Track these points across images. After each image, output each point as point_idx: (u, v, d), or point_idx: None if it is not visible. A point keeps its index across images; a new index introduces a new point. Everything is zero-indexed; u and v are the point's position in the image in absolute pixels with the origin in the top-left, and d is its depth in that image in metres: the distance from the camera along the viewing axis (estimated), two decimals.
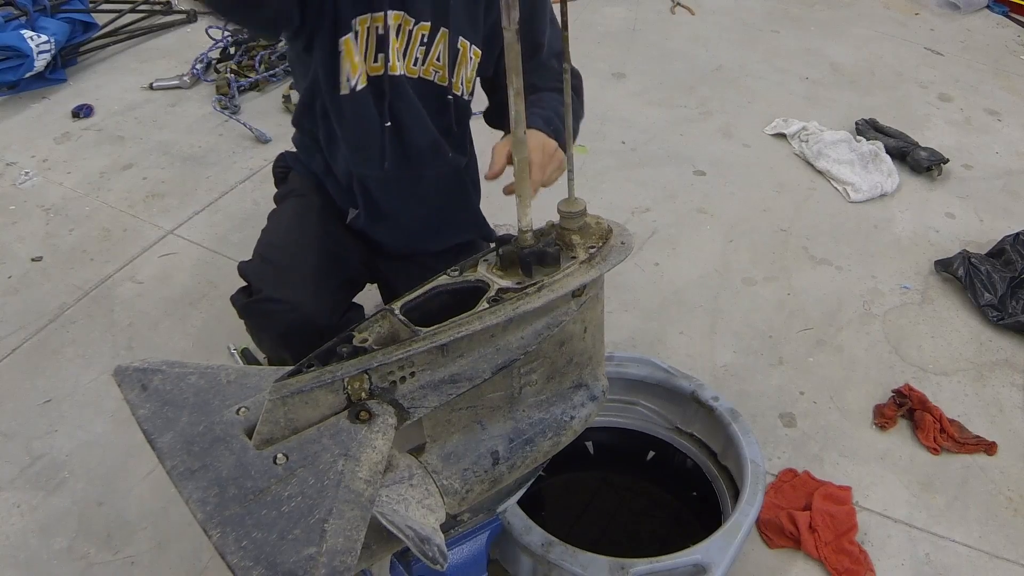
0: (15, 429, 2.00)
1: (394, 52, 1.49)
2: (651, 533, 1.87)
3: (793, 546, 1.80)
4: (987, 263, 2.47)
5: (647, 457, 1.88)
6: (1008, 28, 4.21)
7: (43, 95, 3.25)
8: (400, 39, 1.49)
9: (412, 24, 1.48)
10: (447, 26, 1.50)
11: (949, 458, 2.02)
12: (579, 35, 3.79)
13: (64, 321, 2.29)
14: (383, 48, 1.48)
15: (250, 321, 1.63)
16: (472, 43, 1.53)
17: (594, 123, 3.21)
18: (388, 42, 1.47)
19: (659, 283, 2.51)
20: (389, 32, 1.47)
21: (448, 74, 1.55)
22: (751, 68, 3.68)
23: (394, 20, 1.47)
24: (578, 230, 1.15)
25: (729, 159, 3.08)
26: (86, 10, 3.53)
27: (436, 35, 1.50)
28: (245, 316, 1.64)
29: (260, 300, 1.62)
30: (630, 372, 1.80)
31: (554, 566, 1.39)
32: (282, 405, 0.96)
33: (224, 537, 0.87)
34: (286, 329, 1.58)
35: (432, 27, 1.49)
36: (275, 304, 1.59)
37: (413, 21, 1.48)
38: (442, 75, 1.55)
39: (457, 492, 1.11)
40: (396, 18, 1.47)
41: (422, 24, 1.49)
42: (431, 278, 1.14)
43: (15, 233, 2.60)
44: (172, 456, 0.97)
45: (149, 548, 1.75)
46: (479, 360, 1.06)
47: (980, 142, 3.26)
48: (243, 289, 1.69)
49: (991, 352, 2.32)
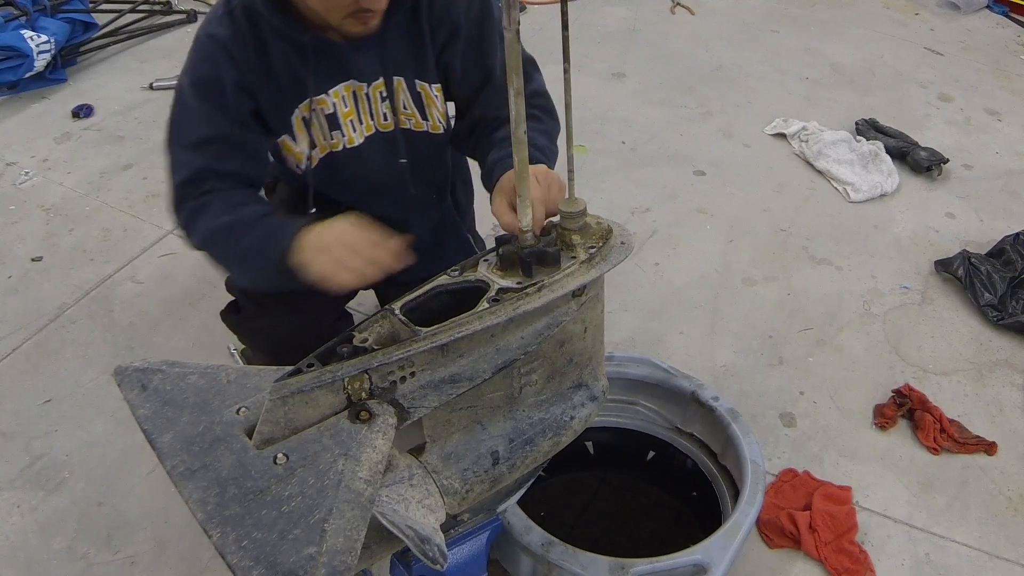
0: (15, 429, 2.00)
1: (347, 125, 1.49)
2: (651, 533, 1.87)
3: (793, 546, 1.80)
4: (987, 263, 2.47)
5: (647, 457, 1.88)
6: (1008, 28, 4.21)
7: (43, 95, 3.25)
8: (360, 104, 1.49)
9: (365, 87, 1.47)
10: (399, 75, 1.49)
11: (949, 458, 2.02)
12: (579, 35, 3.79)
13: (64, 321, 2.29)
14: (336, 125, 1.48)
15: (241, 338, 1.65)
16: (431, 83, 1.52)
17: (594, 123, 3.22)
18: (338, 118, 1.47)
19: (659, 283, 2.51)
20: (337, 108, 1.46)
21: (420, 118, 1.54)
22: (751, 68, 3.68)
23: (346, 91, 1.46)
24: (578, 230, 1.15)
25: (729, 159, 3.08)
26: (86, 10, 3.53)
27: (392, 87, 1.49)
28: (236, 332, 1.66)
29: (248, 318, 1.63)
30: (630, 372, 1.80)
31: (554, 566, 1.39)
32: (282, 405, 0.96)
33: (224, 537, 0.87)
34: (274, 346, 1.60)
35: (385, 82, 1.48)
36: (261, 321, 1.60)
37: (365, 85, 1.47)
38: (416, 121, 1.54)
39: (457, 492, 1.11)
40: (347, 88, 1.46)
41: (375, 84, 1.48)
42: (431, 278, 1.14)
43: (15, 233, 2.60)
44: (172, 456, 0.97)
45: (149, 548, 1.75)
46: (479, 360, 1.06)
47: (980, 142, 3.26)
48: (232, 305, 1.70)
49: (991, 352, 2.32)
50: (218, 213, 1.37)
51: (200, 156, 1.39)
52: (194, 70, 1.38)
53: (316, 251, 1.25)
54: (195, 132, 1.39)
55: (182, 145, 1.40)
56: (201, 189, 1.39)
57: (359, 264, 1.23)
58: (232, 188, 1.41)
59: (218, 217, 1.37)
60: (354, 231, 1.25)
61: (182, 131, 1.41)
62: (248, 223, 1.35)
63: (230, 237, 1.35)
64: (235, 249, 1.36)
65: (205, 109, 1.37)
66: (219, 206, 1.38)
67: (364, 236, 1.25)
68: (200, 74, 1.37)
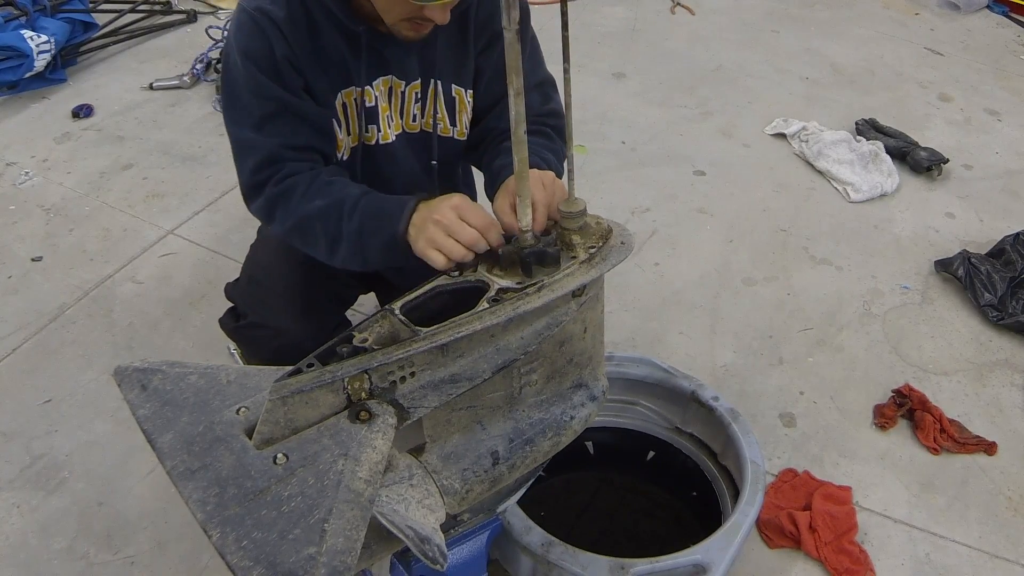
0: (15, 429, 2.00)
1: (384, 120, 1.47)
2: (651, 533, 1.87)
3: (793, 546, 1.80)
4: (987, 263, 2.47)
5: (647, 457, 1.88)
6: (1008, 28, 4.21)
7: (43, 95, 3.25)
8: (393, 100, 1.48)
9: (403, 86, 1.46)
10: (438, 78, 1.48)
11: (949, 458, 2.02)
12: (579, 35, 3.79)
13: (64, 321, 2.29)
14: (373, 119, 1.47)
15: (239, 345, 1.65)
16: (466, 89, 1.51)
17: (594, 123, 3.21)
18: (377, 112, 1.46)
19: (659, 283, 2.51)
20: (378, 102, 1.45)
21: (449, 123, 1.53)
22: (751, 68, 3.68)
23: (384, 86, 1.45)
24: (578, 230, 1.15)
25: (729, 159, 3.08)
26: (86, 10, 3.53)
27: (427, 90, 1.48)
28: (234, 340, 1.65)
29: (246, 326, 1.63)
30: (630, 372, 1.80)
31: (554, 566, 1.39)
32: (282, 405, 0.96)
33: (224, 537, 0.87)
34: (273, 354, 1.60)
35: (423, 84, 1.48)
36: (261, 330, 1.60)
37: (404, 83, 1.46)
38: (444, 126, 1.53)
39: (457, 492, 1.11)
40: (385, 83, 1.45)
41: (413, 84, 1.47)
42: (431, 278, 1.14)
43: (15, 233, 2.60)
44: (172, 456, 0.97)
45: (149, 548, 1.75)
46: (479, 360, 1.06)
47: (980, 142, 3.26)
48: (231, 311, 1.70)
49: (991, 352, 2.32)
50: (309, 197, 1.34)
51: (269, 135, 1.35)
52: (244, 43, 1.34)
53: (418, 230, 1.23)
54: (256, 108, 1.35)
55: (246, 125, 1.36)
56: (279, 171, 1.36)
57: (451, 246, 1.20)
58: (311, 167, 1.38)
59: (310, 201, 1.33)
60: (452, 213, 1.21)
61: (242, 110, 1.36)
62: (350, 204, 1.31)
63: (328, 220, 1.32)
64: (337, 231, 1.33)
65: (261, 81, 1.33)
66: (307, 189, 1.35)
67: (460, 219, 1.21)
68: (251, 46, 1.34)
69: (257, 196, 1.38)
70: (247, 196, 1.40)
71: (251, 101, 1.35)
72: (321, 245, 1.36)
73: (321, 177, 1.36)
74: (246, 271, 1.70)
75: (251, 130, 1.36)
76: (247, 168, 1.37)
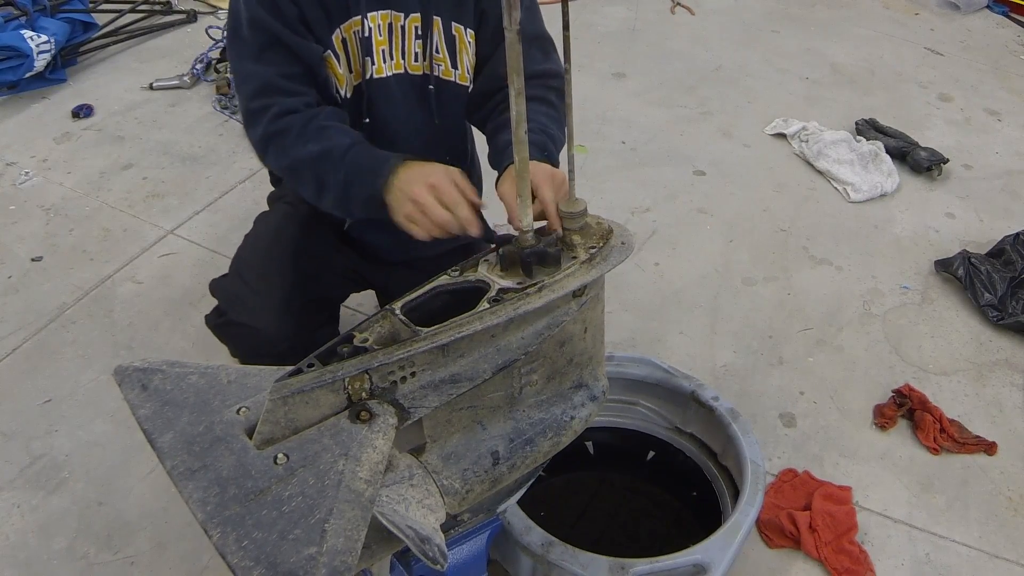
0: (15, 429, 2.00)
1: (378, 53, 1.48)
2: (651, 533, 1.87)
3: (793, 546, 1.80)
4: (987, 263, 2.47)
5: (647, 457, 1.88)
6: (1008, 28, 4.21)
7: (43, 95, 3.25)
8: (394, 37, 1.48)
9: (402, 19, 1.47)
10: (438, 14, 1.48)
11: (949, 458, 2.02)
12: (579, 35, 3.79)
13: (64, 321, 2.29)
14: (368, 51, 1.47)
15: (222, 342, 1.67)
16: (466, 28, 1.51)
17: (594, 123, 3.22)
18: (371, 44, 1.46)
19: (659, 283, 2.51)
20: (372, 34, 1.46)
21: (451, 65, 1.53)
22: (751, 68, 3.68)
23: (383, 20, 1.45)
24: (579, 230, 1.15)
25: (729, 159, 3.08)
26: (86, 10, 3.53)
27: (430, 25, 1.49)
28: (216, 336, 1.67)
29: (225, 324, 1.64)
30: (630, 372, 1.80)
31: (554, 566, 1.39)
32: (282, 405, 0.96)
33: (224, 537, 0.87)
34: (247, 352, 1.61)
35: (423, 18, 1.48)
36: (238, 328, 1.61)
37: (403, 16, 1.47)
38: (445, 68, 1.53)
39: (457, 492, 1.11)
40: (384, 17, 1.45)
41: (412, 16, 1.47)
42: (432, 278, 1.14)
43: (15, 233, 2.60)
44: (172, 456, 0.97)
45: (149, 548, 1.75)
46: (480, 360, 1.06)
47: (980, 142, 3.26)
48: (216, 308, 1.71)
49: (991, 352, 2.32)
50: (304, 139, 1.37)
51: (265, 65, 1.39)
52: None
53: (402, 195, 1.26)
54: (254, 39, 1.39)
55: (247, 57, 1.41)
56: (276, 104, 1.38)
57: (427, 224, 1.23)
58: (306, 105, 1.40)
59: (304, 145, 1.36)
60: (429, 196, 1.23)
61: (242, 42, 1.41)
62: (339, 154, 1.34)
63: (319, 168, 1.35)
64: (325, 179, 1.36)
65: (259, 14, 1.38)
66: (303, 131, 1.37)
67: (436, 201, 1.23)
68: None
69: (255, 124, 1.41)
70: (245, 124, 1.45)
71: (249, 34, 1.40)
72: (310, 189, 1.40)
73: (317, 120, 1.39)
74: (232, 266, 1.71)
75: (250, 61, 1.41)
76: (246, 95, 1.42)
